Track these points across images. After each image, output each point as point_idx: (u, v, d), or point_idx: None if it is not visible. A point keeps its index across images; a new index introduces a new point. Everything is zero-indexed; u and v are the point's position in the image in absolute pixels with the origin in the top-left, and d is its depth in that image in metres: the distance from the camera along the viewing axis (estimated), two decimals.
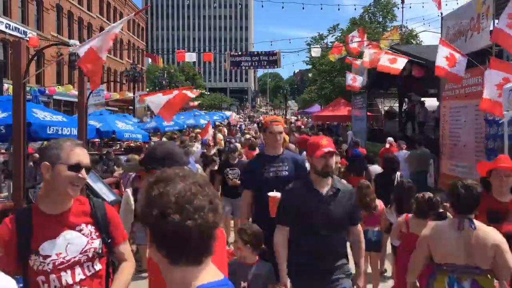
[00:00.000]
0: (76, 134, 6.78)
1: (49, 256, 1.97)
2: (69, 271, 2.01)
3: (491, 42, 8.19)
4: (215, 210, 1.19)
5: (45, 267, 1.96)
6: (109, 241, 2.17)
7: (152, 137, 15.30)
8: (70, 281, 2.01)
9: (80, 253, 2.05)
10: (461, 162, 9.53)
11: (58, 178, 2.00)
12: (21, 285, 2.12)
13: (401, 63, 10.79)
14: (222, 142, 14.02)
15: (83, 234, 2.08)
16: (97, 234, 2.12)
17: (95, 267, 2.10)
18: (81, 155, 2.06)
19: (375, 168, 8.05)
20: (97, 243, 2.11)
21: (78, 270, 2.04)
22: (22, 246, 1.95)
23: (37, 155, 11.16)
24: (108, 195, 6.29)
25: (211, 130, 12.99)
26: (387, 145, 11.29)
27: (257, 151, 10.97)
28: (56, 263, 1.98)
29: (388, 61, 10.72)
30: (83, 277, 2.05)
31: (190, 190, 1.17)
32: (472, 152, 9.04)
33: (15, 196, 4.81)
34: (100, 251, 2.12)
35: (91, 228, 2.12)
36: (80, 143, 2.14)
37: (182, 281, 1.19)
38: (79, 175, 2.02)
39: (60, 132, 7.27)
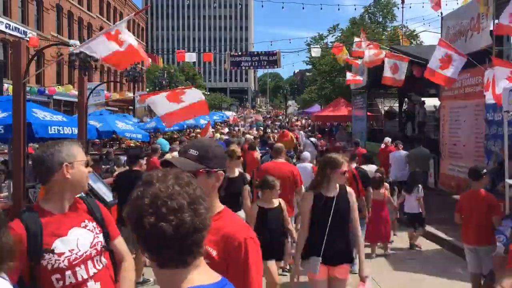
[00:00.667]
0: (77, 133, 6.78)
1: (63, 253, 2.03)
2: (83, 266, 2.08)
3: (492, 42, 8.18)
4: (195, 209, 1.17)
5: (61, 264, 2.01)
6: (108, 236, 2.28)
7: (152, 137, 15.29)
8: (85, 276, 2.08)
9: (90, 247, 2.13)
10: (461, 162, 9.53)
11: (77, 175, 2.14)
12: None
13: (402, 69, 10.69)
14: None
15: (89, 230, 2.17)
16: (99, 229, 2.22)
17: (102, 260, 2.19)
18: (83, 153, 2.24)
19: (372, 168, 8.06)
20: (101, 237, 2.21)
21: (90, 264, 2.12)
22: (34, 247, 1.98)
23: None
24: (108, 195, 6.30)
25: (210, 130, 12.99)
26: (383, 145, 11.31)
27: (257, 151, 11.01)
28: (71, 259, 2.04)
29: (390, 69, 10.64)
30: (95, 270, 2.13)
31: (166, 191, 1.15)
32: (472, 152, 9.03)
33: (15, 196, 4.80)
34: (106, 244, 2.22)
35: (93, 223, 2.22)
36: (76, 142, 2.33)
37: (171, 283, 1.19)
38: (89, 169, 2.25)
39: (62, 132, 7.28)
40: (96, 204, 2.33)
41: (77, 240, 2.09)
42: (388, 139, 11.25)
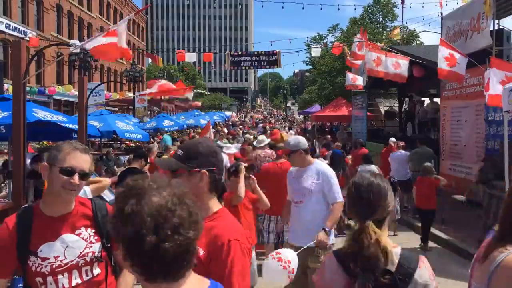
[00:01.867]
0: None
1: (48, 258, 1.96)
2: (66, 275, 1.99)
3: (492, 42, 8.18)
4: (195, 222, 1.09)
5: (43, 269, 1.95)
6: (108, 245, 2.12)
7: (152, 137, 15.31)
8: (67, 285, 1.99)
9: (78, 257, 2.02)
10: (462, 162, 9.53)
11: (52, 180, 1.99)
12: (20, 285, 2.13)
13: (404, 67, 10.61)
14: None
15: (82, 238, 2.05)
16: (96, 238, 2.09)
17: (93, 271, 2.07)
18: (77, 160, 2.00)
19: (372, 168, 8.06)
20: (96, 247, 2.08)
21: (75, 274, 2.02)
22: (21, 247, 1.94)
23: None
24: (108, 195, 6.31)
25: (211, 130, 12.98)
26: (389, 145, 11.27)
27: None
28: (54, 266, 1.96)
29: (393, 66, 10.52)
30: (80, 281, 2.02)
31: (166, 206, 1.05)
32: (473, 152, 9.03)
33: (15, 196, 4.81)
34: (99, 256, 2.08)
35: (90, 231, 2.09)
36: (83, 147, 2.08)
37: None
38: (71, 180, 1.96)
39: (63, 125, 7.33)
40: (105, 208, 2.17)
41: (65, 248, 1.99)
42: (393, 140, 11.20)
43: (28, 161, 7.36)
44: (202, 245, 1.72)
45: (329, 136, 18.59)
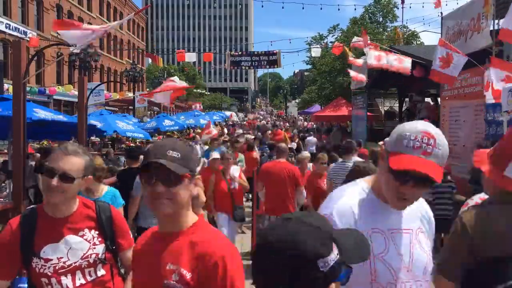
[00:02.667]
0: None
1: (50, 259, 1.96)
2: (69, 276, 1.99)
3: (492, 42, 8.18)
4: None
5: (46, 270, 1.96)
6: (113, 247, 2.12)
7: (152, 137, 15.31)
8: (71, 286, 2.00)
9: (82, 259, 2.02)
10: (461, 162, 9.53)
11: (42, 182, 2.03)
12: (25, 285, 2.14)
13: (407, 62, 10.76)
14: None
15: (85, 239, 2.05)
16: (100, 239, 2.08)
17: (97, 272, 2.07)
18: (60, 162, 1.94)
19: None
20: (99, 249, 2.07)
21: (79, 275, 2.02)
22: (24, 249, 1.95)
23: (38, 154, 11.17)
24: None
25: (213, 129, 12.99)
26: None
27: (256, 151, 11.01)
28: (57, 267, 1.97)
29: (396, 61, 10.66)
30: (84, 282, 2.03)
31: None
32: (472, 152, 9.03)
33: (15, 196, 4.81)
34: (103, 257, 2.07)
35: (94, 233, 2.08)
36: (74, 150, 2.01)
37: None
38: (50, 181, 1.91)
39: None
40: (108, 210, 2.16)
41: (69, 249, 1.99)
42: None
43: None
44: (186, 266, 1.48)
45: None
